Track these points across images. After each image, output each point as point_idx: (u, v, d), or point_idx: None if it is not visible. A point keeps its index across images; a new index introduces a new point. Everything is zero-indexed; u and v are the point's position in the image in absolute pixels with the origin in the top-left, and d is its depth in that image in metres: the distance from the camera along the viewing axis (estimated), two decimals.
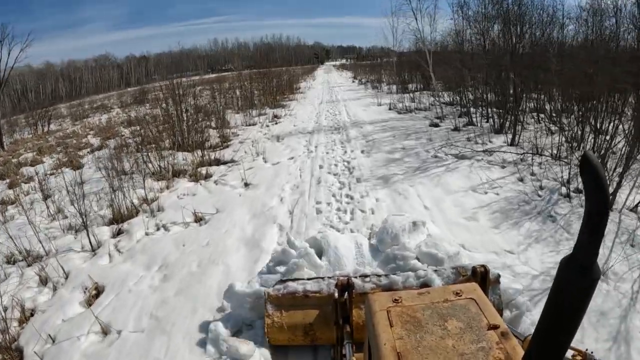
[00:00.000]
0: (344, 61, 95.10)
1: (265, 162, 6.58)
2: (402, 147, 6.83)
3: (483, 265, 2.02)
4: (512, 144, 6.37)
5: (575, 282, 0.60)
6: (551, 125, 6.87)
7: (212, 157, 6.86)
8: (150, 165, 6.31)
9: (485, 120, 8.36)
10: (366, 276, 2.31)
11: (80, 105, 25.93)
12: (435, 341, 0.94)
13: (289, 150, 7.27)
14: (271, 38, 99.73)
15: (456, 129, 7.95)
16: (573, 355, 0.98)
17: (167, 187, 5.61)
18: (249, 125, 10.30)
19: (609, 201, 0.56)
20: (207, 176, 5.99)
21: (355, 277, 2.27)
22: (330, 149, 7.18)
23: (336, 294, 1.83)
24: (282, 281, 2.40)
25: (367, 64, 35.07)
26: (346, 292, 1.84)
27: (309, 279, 2.40)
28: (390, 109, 11.59)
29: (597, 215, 0.57)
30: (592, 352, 0.99)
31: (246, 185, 5.42)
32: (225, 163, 6.66)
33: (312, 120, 10.65)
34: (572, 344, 0.67)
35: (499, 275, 2.33)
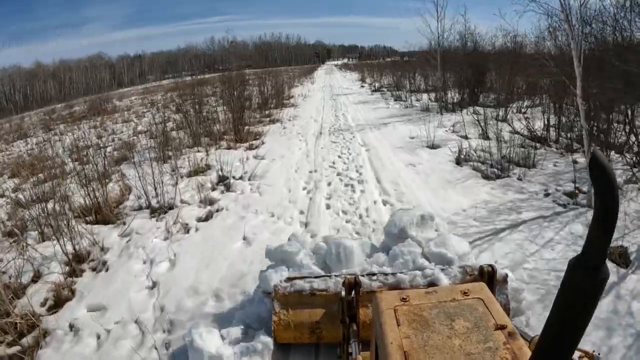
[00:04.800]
0: (345, 60, 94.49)
1: None
2: None
3: (490, 265, 2.01)
4: None
5: (583, 282, 0.60)
6: None
7: None
8: None
9: None
10: (373, 274, 2.32)
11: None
12: (442, 340, 0.95)
13: None
14: (270, 37, 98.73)
15: None
16: (580, 357, 0.98)
17: None
18: (154, 215, 4.66)
19: (618, 201, 0.57)
20: None
21: (362, 276, 2.27)
22: None
23: (343, 292, 1.84)
24: (289, 279, 2.41)
25: (375, 64, 32.80)
26: (353, 291, 1.85)
27: (316, 277, 2.40)
28: (459, 160, 6.08)
29: (607, 215, 0.57)
30: (599, 354, 0.99)
31: None
32: None
33: (297, 203, 4.85)
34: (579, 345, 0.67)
35: (506, 275, 2.32)
